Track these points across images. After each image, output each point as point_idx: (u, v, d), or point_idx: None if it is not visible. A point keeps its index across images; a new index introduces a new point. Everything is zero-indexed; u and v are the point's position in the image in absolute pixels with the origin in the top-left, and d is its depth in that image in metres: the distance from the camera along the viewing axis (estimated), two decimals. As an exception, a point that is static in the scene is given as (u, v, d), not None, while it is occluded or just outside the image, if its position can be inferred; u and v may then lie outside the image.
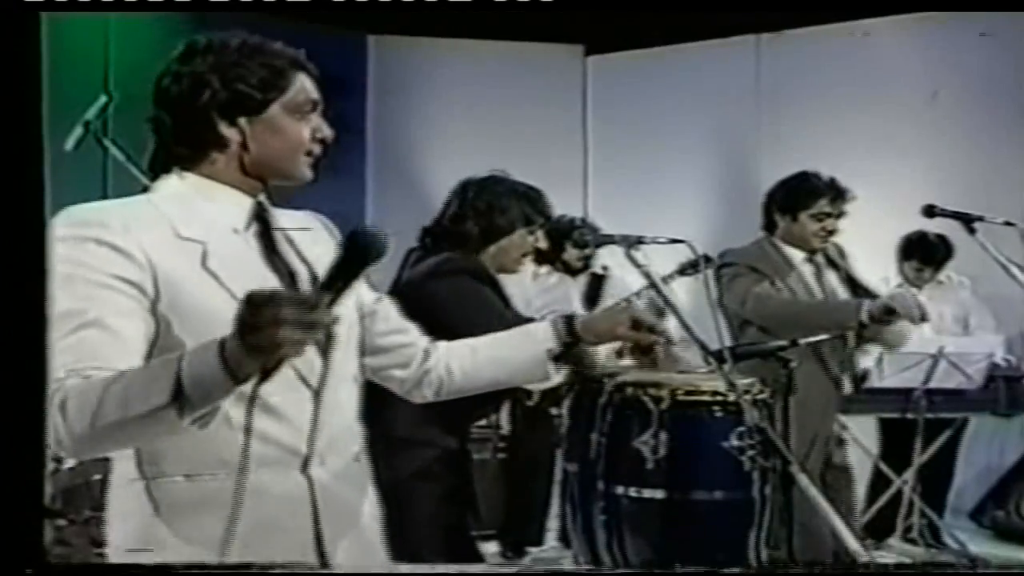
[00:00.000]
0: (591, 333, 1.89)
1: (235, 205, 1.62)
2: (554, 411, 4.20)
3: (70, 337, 1.42)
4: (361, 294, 1.77)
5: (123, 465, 1.57)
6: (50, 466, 1.41)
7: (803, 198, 3.75)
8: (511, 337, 1.93)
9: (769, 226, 3.85)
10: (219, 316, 1.42)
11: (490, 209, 2.83)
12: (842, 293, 3.86)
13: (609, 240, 2.34)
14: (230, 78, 1.58)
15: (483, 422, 4.36)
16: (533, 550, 4.63)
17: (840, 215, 3.75)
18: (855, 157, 5.05)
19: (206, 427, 1.38)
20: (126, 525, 1.57)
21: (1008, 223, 2.97)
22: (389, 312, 1.86)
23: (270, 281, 1.58)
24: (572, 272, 5.26)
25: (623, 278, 5.03)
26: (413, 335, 1.89)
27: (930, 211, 3.08)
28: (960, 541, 4.78)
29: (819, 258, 3.82)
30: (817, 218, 3.73)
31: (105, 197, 1.65)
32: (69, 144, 3.80)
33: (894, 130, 5.83)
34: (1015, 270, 2.82)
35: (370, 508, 1.74)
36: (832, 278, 3.86)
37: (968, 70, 5.72)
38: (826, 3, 4.95)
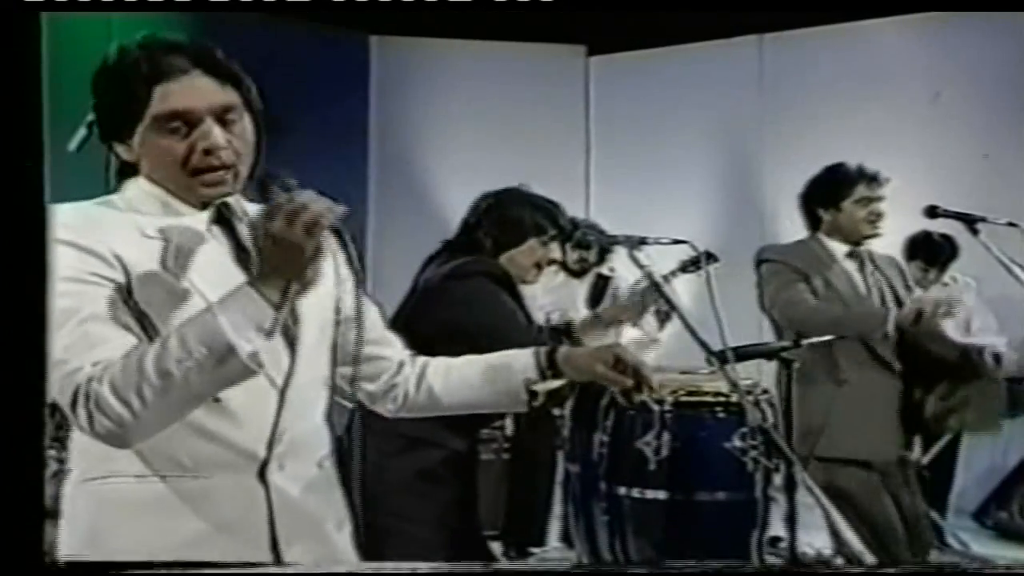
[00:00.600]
0: (571, 367, 1.80)
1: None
2: (557, 412, 4.19)
3: (75, 332, 1.41)
4: (343, 299, 1.65)
5: (78, 465, 1.55)
6: (50, 466, 1.39)
7: (842, 187, 3.69)
8: (489, 362, 1.85)
9: (813, 224, 3.78)
10: (189, 312, 1.44)
11: (502, 219, 2.85)
12: (886, 288, 3.78)
13: (612, 241, 2.34)
14: (99, 101, 1.59)
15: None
16: (536, 550, 4.63)
17: (880, 199, 3.71)
18: (857, 156, 5.00)
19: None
20: (78, 526, 1.53)
21: (1011, 224, 2.96)
22: (374, 321, 1.78)
23: (237, 278, 1.53)
24: (576, 273, 5.25)
25: (627, 280, 5.02)
26: (392, 349, 1.83)
27: (933, 212, 3.07)
28: (963, 542, 4.78)
29: (862, 252, 3.76)
30: (862, 203, 3.66)
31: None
32: (72, 145, 3.79)
33: (897, 130, 5.82)
34: (1018, 271, 2.81)
35: (336, 516, 1.66)
36: (877, 272, 3.79)
37: (971, 70, 5.72)
38: (827, 3, 4.94)
